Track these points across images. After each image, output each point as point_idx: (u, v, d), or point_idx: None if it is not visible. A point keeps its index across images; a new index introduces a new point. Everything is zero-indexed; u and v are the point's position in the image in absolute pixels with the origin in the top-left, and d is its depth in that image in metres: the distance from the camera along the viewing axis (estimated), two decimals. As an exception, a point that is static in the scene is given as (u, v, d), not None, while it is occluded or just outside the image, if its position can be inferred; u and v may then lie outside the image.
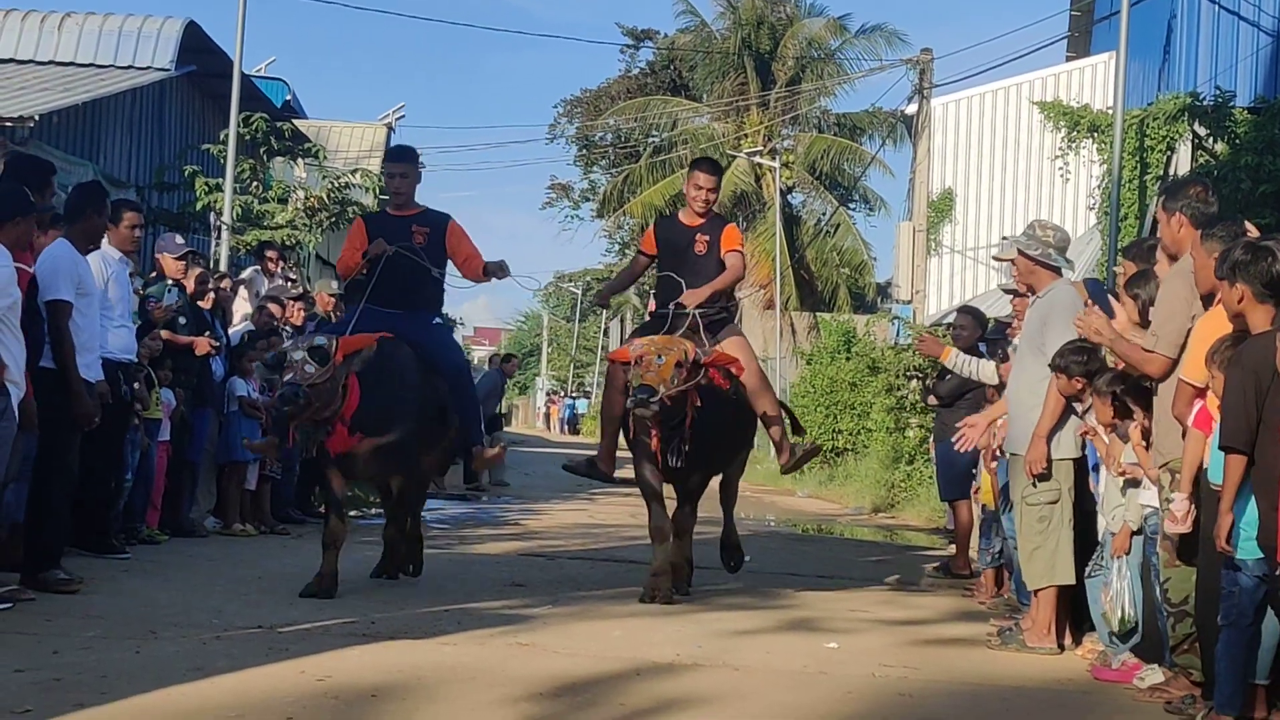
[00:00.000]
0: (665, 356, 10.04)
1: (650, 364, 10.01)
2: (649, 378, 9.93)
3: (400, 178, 11.01)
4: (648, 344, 10.22)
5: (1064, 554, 9.04)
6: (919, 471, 23.48)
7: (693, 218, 11.28)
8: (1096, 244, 24.82)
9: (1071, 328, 8.78)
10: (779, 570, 13.49)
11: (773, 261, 43.24)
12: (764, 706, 7.01)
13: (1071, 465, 9.12)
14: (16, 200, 9.17)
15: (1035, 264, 9.30)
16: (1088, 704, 7.66)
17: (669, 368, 10.00)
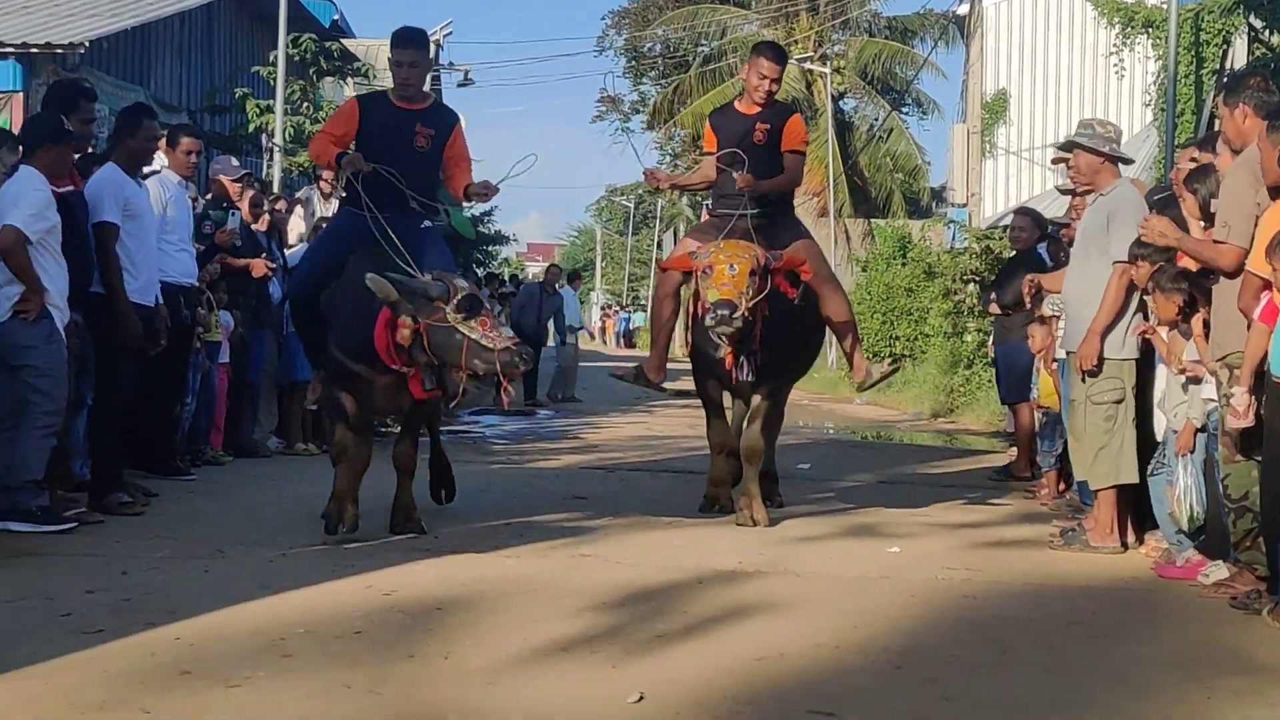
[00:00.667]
0: (738, 265, 9.18)
1: (723, 275, 9.17)
2: (726, 291, 9.10)
3: (409, 67, 9.44)
4: (716, 252, 9.31)
5: (1128, 454, 9.01)
6: (978, 375, 23.41)
7: (751, 106, 10.42)
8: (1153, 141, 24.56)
9: (1131, 222, 8.74)
10: (838, 477, 13.50)
11: (826, 169, 42.98)
12: (827, 612, 7.03)
13: (1134, 366, 9.07)
14: (47, 126, 9.29)
15: (1103, 158, 9.21)
16: (1152, 602, 7.65)
17: (743, 277, 9.15)
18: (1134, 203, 9.05)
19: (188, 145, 11.59)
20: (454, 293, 8.24)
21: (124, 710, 5.10)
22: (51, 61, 19.80)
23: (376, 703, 5.27)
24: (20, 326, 8.67)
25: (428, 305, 8.23)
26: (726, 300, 9.07)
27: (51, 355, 8.72)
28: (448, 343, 8.22)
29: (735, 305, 9.04)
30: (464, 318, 8.20)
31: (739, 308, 9.04)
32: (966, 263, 24.86)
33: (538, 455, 15.53)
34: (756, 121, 10.34)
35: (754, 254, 9.31)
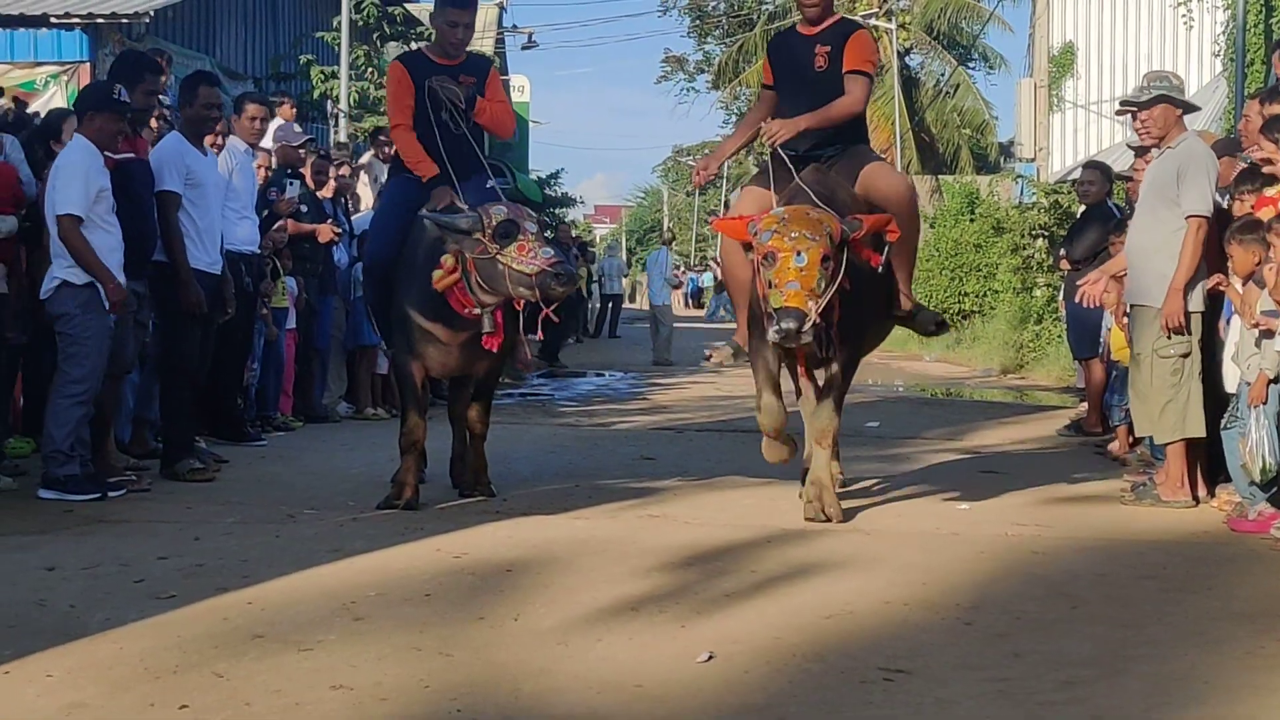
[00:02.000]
0: (807, 254, 7.53)
1: (788, 268, 7.54)
2: (793, 296, 7.50)
3: (464, 28, 9.19)
4: (780, 230, 7.65)
5: (1195, 407, 8.94)
6: (1048, 331, 23.27)
7: (808, 25, 8.96)
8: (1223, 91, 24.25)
9: (1210, 178, 8.70)
10: (908, 434, 13.46)
11: (892, 125, 42.74)
12: (896, 568, 7.02)
13: (1200, 318, 9.00)
14: (96, 94, 9.39)
15: (1181, 109, 9.13)
16: (1224, 555, 7.59)
17: (814, 269, 7.54)
18: (1204, 155, 8.99)
19: (252, 111, 11.65)
20: (488, 222, 8.14)
21: (197, 674, 5.15)
22: (117, 31, 19.91)
23: (447, 664, 5.31)
24: (58, 294, 8.75)
25: (470, 240, 8.15)
26: (793, 310, 7.46)
27: (86, 325, 8.76)
28: (493, 274, 8.16)
29: (804, 315, 7.45)
30: (501, 246, 8.10)
31: (809, 316, 7.47)
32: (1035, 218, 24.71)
33: (605, 416, 15.55)
34: (816, 44, 8.82)
35: (826, 231, 7.63)
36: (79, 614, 5.99)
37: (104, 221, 8.87)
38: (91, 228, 8.77)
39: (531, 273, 8.03)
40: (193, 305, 9.75)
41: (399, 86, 9.15)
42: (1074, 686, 5.09)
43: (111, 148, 9.14)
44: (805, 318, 7.43)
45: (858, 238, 7.79)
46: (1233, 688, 5.11)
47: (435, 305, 8.53)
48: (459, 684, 5.06)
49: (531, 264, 8.03)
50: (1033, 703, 4.91)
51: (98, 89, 9.69)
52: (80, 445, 8.83)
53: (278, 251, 12.62)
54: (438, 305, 8.50)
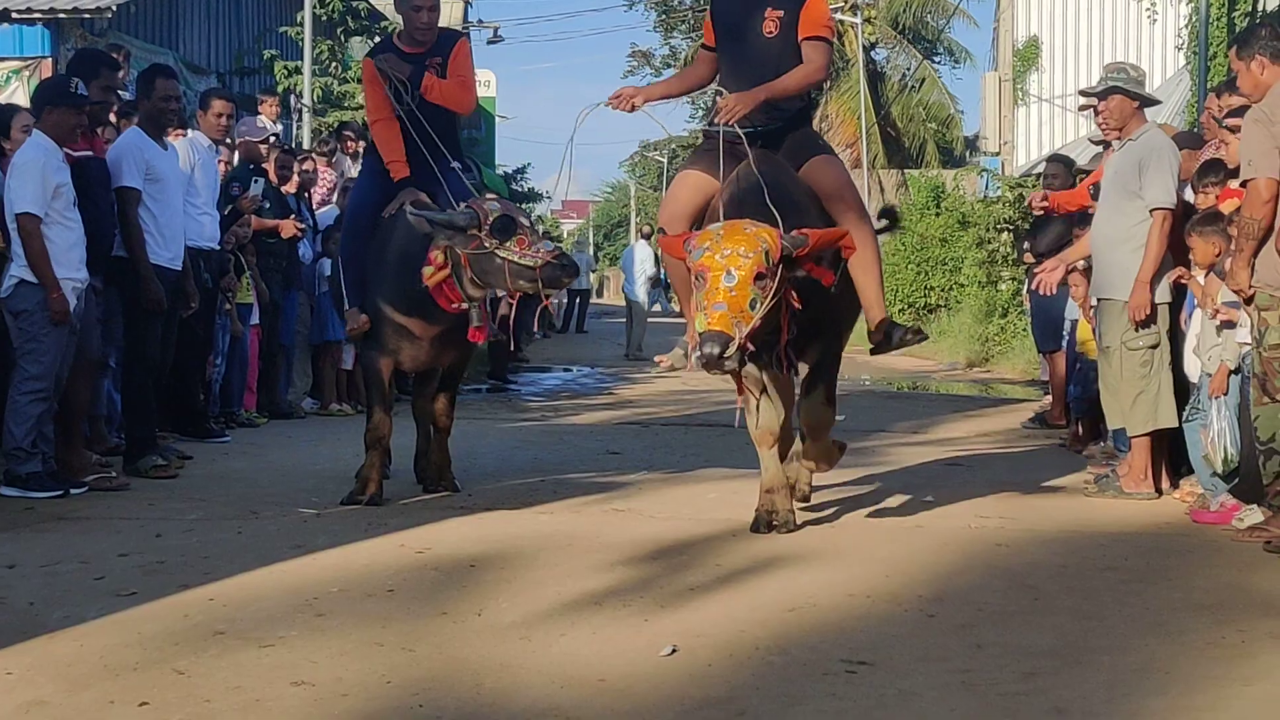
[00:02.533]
0: (738, 271, 6.70)
1: (716, 288, 6.72)
2: (717, 318, 6.67)
3: (429, 11, 8.96)
4: (712, 246, 6.83)
5: (1166, 398, 8.99)
6: (1013, 324, 23.35)
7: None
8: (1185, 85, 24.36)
9: (1172, 170, 8.76)
10: (873, 428, 13.48)
11: (858, 120, 42.80)
12: (859, 561, 7.03)
13: (1168, 309, 9.05)
14: (53, 89, 9.36)
15: (1136, 103, 9.16)
16: (1187, 546, 7.62)
17: (744, 289, 6.70)
18: (1166, 147, 9.04)
19: (218, 108, 11.60)
20: (485, 218, 8.13)
21: (158, 671, 5.12)
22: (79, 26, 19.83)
23: (409, 659, 5.29)
24: (17, 292, 8.72)
25: (463, 236, 8.12)
26: (715, 334, 6.61)
27: (45, 323, 8.72)
28: (490, 268, 8.12)
29: (728, 339, 6.60)
30: (500, 241, 8.09)
31: (734, 341, 6.62)
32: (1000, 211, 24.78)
33: (571, 411, 15.54)
34: (767, 7, 7.86)
35: (763, 248, 6.77)
36: (38, 611, 5.95)
37: (64, 217, 8.83)
38: (51, 224, 8.73)
39: (535, 266, 8.01)
40: (153, 302, 9.71)
41: (372, 83, 9.05)
42: (1036, 677, 5.10)
43: (70, 142, 9.10)
44: (729, 342, 6.57)
45: (802, 255, 6.90)
46: (1193, 678, 5.13)
47: (412, 300, 8.47)
48: (421, 679, 5.04)
49: (534, 257, 8.02)
50: (995, 694, 4.91)
51: (55, 83, 9.69)
52: (43, 442, 8.78)
53: (241, 247, 12.58)
54: (416, 300, 8.43)
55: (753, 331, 6.72)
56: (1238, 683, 5.08)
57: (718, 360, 6.56)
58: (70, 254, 8.84)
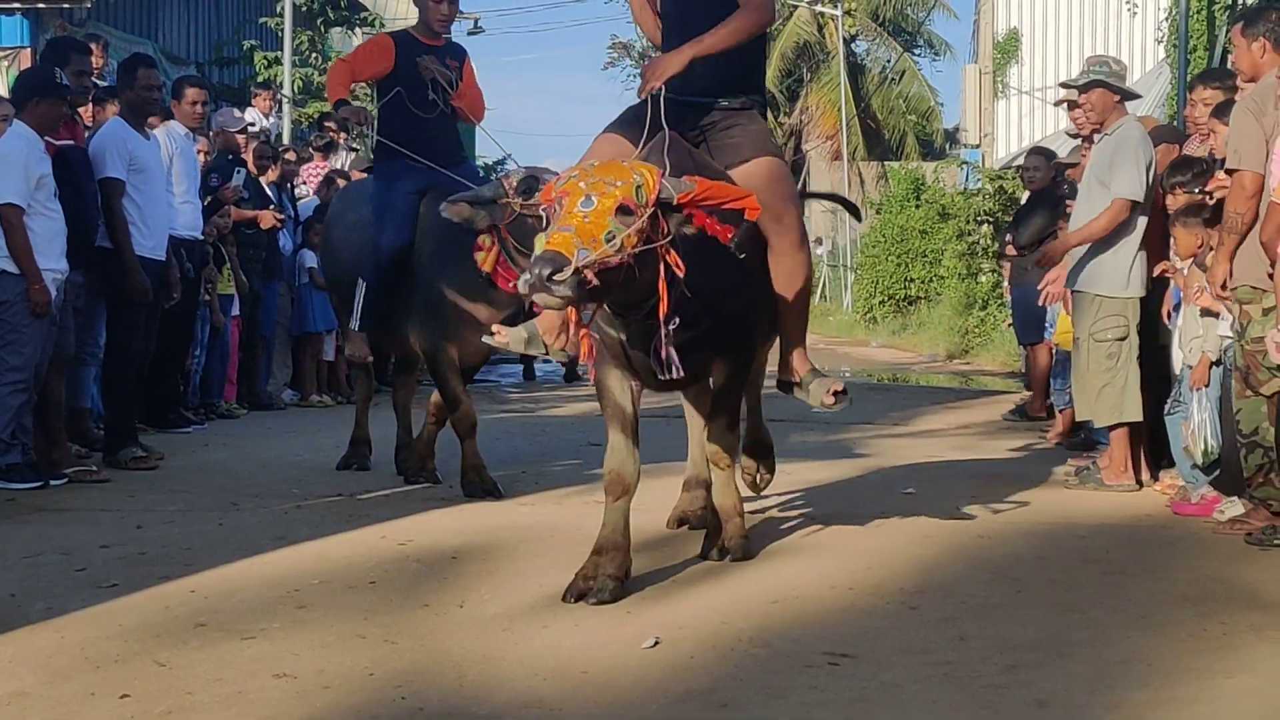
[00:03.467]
0: (599, 198, 5.58)
1: (571, 213, 5.58)
2: (559, 239, 5.44)
3: (449, 3, 9.10)
4: (579, 175, 5.74)
5: (1132, 391, 9.02)
6: (993, 316, 23.38)
7: None
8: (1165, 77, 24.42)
9: (1139, 162, 8.78)
10: (853, 420, 13.47)
11: (838, 112, 42.86)
12: (841, 554, 7.02)
13: (1138, 303, 9.07)
14: (35, 80, 9.33)
15: (1118, 96, 9.17)
16: (1167, 538, 7.63)
17: (602, 218, 5.53)
18: (1137, 139, 9.06)
19: (192, 95, 11.56)
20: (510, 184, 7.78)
21: (139, 663, 5.11)
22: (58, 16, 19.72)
23: (391, 651, 5.28)
24: None
25: (496, 208, 7.40)
26: (551, 254, 5.36)
27: (26, 313, 8.69)
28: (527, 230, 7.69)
29: (564, 261, 5.34)
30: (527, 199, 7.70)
31: (570, 265, 5.33)
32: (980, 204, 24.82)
33: (551, 403, 15.53)
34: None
35: (635, 180, 5.64)
36: (19, 603, 5.93)
37: (45, 208, 8.80)
38: (33, 215, 8.71)
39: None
40: (138, 293, 9.69)
41: (377, 48, 9.20)
42: (1018, 670, 5.10)
43: (53, 133, 9.07)
44: (564, 266, 5.28)
45: (686, 200, 5.62)
46: (1175, 670, 5.14)
47: (477, 287, 8.25)
48: (403, 671, 5.04)
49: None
50: (977, 686, 4.92)
51: (38, 74, 9.64)
52: (22, 433, 8.75)
53: (222, 238, 12.55)
54: (480, 287, 8.16)
55: (603, 266, 5.38)
56: (1219, 675, 5.09)
57: (543, 284, 5.27)
58: (51, 245, 8.81)
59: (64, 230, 8.94)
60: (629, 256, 5.49)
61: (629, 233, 5.51)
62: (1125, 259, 9.00)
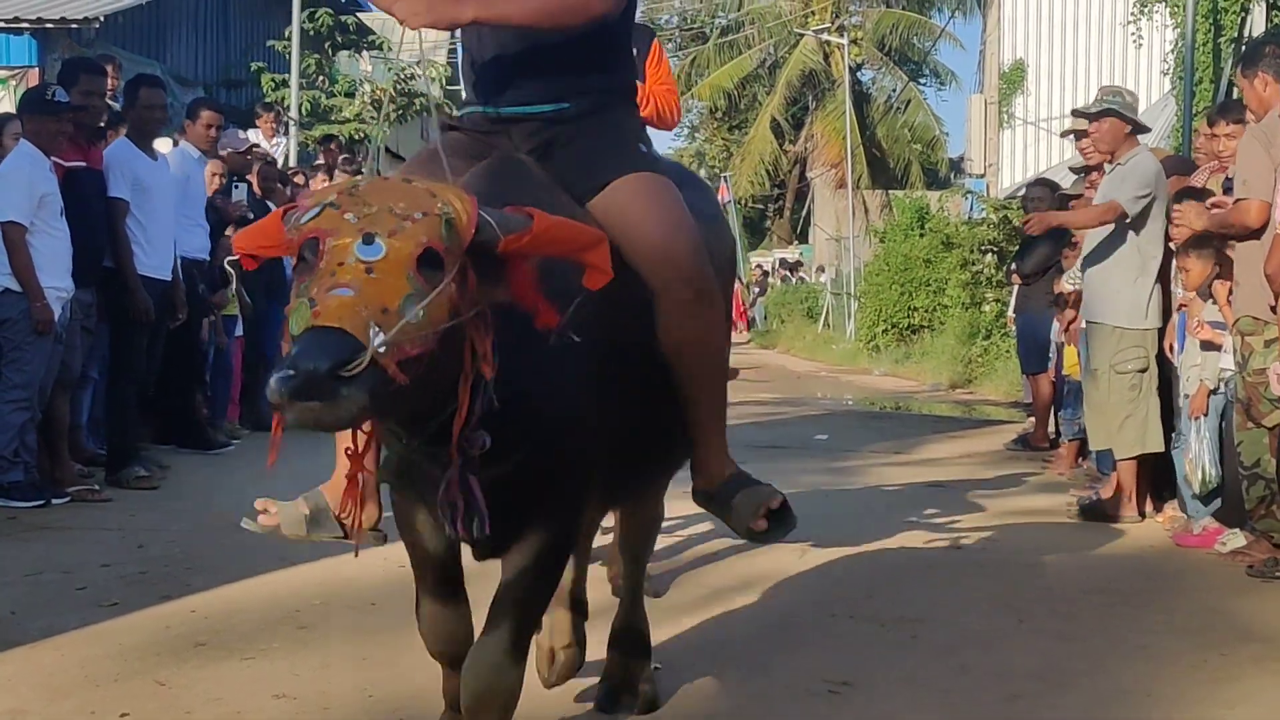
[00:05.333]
0: (386, 241, 3.28)
1: (333, 267, 3.26)
2: (332, 307, 3.16)
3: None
4: (339, 201, 3.38)
5: (1154, 422, 9.02)
6: (996, 346, 23.34)
7: None
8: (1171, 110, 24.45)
9: (1143, 183, 8.84)
10: (856, 448, 13.48)
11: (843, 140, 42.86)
12: (842, 582, 7.03)
13: (1156, 334, 9.07)
14: (31, 99, 9.39)
15: (1130, 127, 9.18)
16: (1169, 570, 7.63)
17: (397, 268, 3.26)
18: (1154, 171, 9.06)
19: (207, 119, 11.60)
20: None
21: (139, 682, 5.11)
22: (67, 36, 19.81)
23: (392, 674, 5.27)
24: (1, 300, 8.70)
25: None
26: (327, 332, 3.13)
27: (28, 331, 8.70)
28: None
29: (352, 346, 3.11)
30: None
31: (366, 350, 3.10)
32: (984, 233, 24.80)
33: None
34: None
35: (440, 212, 3.39)
36: (20, 620, 5.93)
37: (50, 227, 8.81)
38: (36, 233, 8.71)
39: None
40: (140, 313, 9.70)
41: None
42: (1019, 700, 5.10)
43: (54, 150, 9.08)
44: (356, 352, 3.08)
45: (518, 245, 3.45)
46: (1176, 701, 5.14)
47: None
48: (403, 694, 5.03)
49: None
50: (977, 716, 4.92)
51: (32, 92, 9.73)
52: (25, 451, 8.74)
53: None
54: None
55: (407, 352, 3.16)
56: (1220, 706, 5.08)
57: (323, 383, 3.06)
58: (55, 263, 8.82)
59: (69, 249, 8.95)
60: (435, 338, 3.23)
61: (438, 306, 3.24)
62: (1143, 290, 9.00)
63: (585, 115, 4.35)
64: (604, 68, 4.43)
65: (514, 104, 4.35)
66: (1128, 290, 9.01)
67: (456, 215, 3.38)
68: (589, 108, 4.36)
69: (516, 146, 4.30)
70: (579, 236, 3.57)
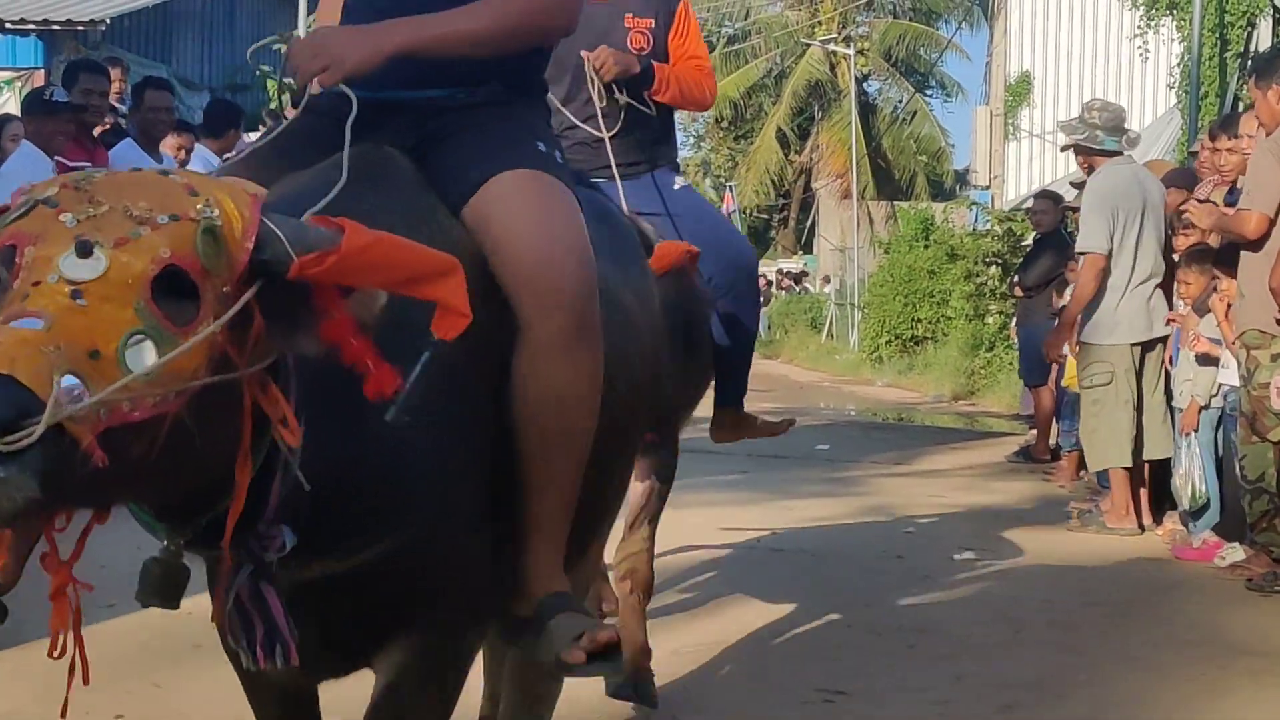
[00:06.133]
0: (108, 252, 2.20)
1: (41, 283, 2.17)
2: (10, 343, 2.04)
3: None
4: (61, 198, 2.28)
5: (1120, 437, 8.98)
6: (999, 358, 23.33)
7: None
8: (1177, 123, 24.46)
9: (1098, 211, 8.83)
10: (857, 458, 13.47)
11: (849, 151, 42.88)
12: (840, 591, 7.02)
13: (1128, 349, 9.03)
14: (30, 99, 9.44)
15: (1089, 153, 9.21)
16: (1168, 582, 7.62)
17: (122, 295, 2.18)
18: (1095, 191, 9.08)
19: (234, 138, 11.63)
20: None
21: (134, 683, 5.11)
22: (73, 38, 19.85)
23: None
24: None
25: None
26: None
27: None
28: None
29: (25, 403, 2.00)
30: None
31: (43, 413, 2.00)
32: (988, 245, 24.80)
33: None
34: None
35: (198, 213, 2.31)
36: (14, 621, 5.92)
37: None
38: None
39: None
40: None
41: None
42: (1015, 709, 5.09)
43: (56, 150, 9.08)
44: (20, 409, 2.00)
45: (310, 272, 2.36)
46: (1173, 713, 5.13)
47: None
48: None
49: None
50: (973, 725, 4.91)
51: (31, 93, 9.76)
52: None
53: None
54: None
55: (127, 417, 2.15)
56: (1216, 717, 5.07)
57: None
58: None
59: None
60: (180, 398, 2.24)
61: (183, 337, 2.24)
62: (1110, 305, 8.99)
63: (479, 106, 3.32)
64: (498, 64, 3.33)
65: (391, 87, 3.22)
66: (1094, 305, 9.03)
67: (225, 222, 2.33)
68: (484, 98, 3.34)
69: (391, 143, 3.21)
70: (417, 261, 2.45)
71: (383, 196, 2.90)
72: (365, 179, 2.86)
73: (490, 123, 3.30)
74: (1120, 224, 8.93)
